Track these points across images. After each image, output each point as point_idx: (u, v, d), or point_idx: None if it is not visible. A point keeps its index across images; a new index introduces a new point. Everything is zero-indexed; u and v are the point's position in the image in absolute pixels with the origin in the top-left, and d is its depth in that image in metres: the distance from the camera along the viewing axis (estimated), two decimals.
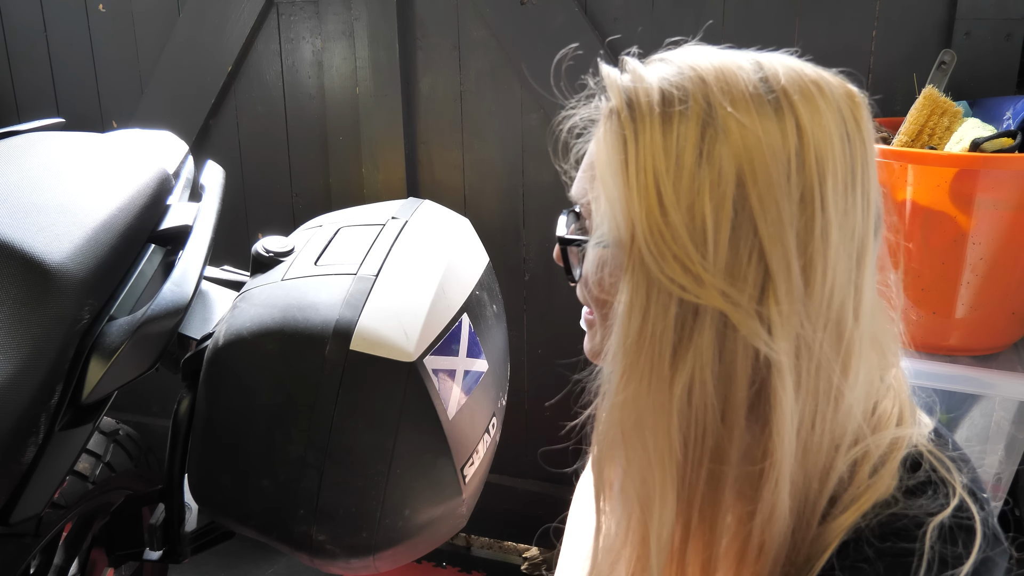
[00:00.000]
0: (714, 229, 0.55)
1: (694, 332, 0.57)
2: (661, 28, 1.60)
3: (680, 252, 0.56)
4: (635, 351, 0.59)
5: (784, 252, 0.56)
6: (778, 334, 0.57)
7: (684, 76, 0.58)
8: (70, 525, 1.15)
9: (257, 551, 2.03)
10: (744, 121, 0.56)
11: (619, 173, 0.58)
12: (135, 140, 1.15)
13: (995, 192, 1.06)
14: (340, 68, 1.83)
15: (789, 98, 0.57)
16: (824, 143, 0.57)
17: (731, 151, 0.55)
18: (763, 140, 0.55)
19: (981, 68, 1.39)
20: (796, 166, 0.56)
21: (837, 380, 0.60)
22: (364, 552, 0.92)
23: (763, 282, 0.56)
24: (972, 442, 1.24)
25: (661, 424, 0.59)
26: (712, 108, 0.56)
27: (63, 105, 2.11)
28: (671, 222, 0.56)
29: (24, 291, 0.79)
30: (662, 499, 0.60)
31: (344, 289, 0.93)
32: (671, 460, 0.60)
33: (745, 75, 0.58)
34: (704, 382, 0.58)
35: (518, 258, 1.84)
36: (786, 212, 0.55)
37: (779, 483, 0.60)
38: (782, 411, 0.58)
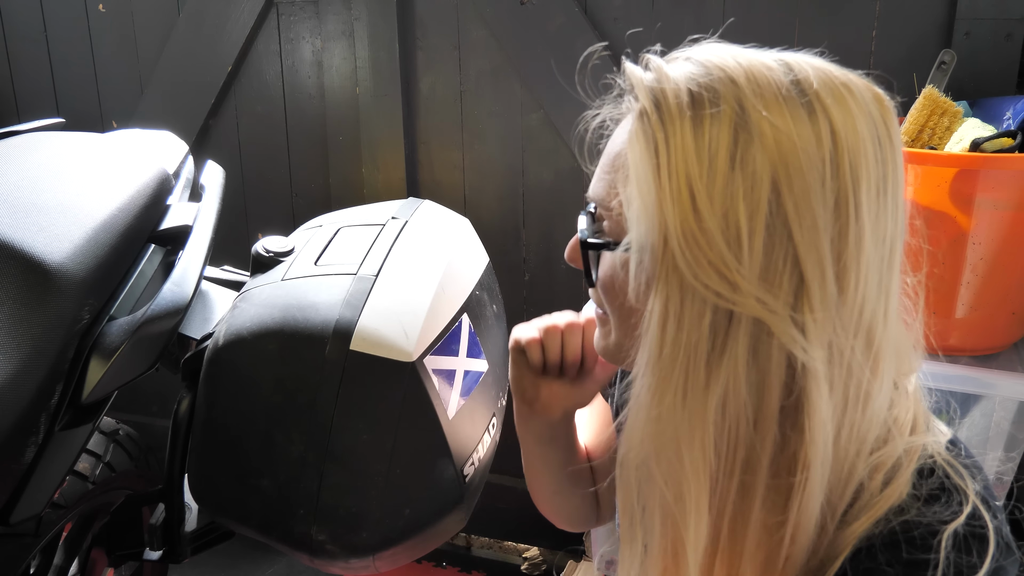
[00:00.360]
0: (749, 235, 0.54)
1: (728, 340, 0.56)
2: (661, 28, 1.60)
3: (715, 258, 0.55)
4: (670, 362, 0.57)
5: (819, 258, 0.55)
6: (813, 340, 0.56)
7: (713, 77, 0.57)
8: (70, 525, 1.15)
9: (257, 551, 2.03)
10: (778, 124, 0.54)
11: (651, 177, 0.56)
12: (135, 140, 1.15)
13: (995, 192, 1.06)
14: (340, 68, 1.83)
15: (822, 101, 0.56)
16: (857, 147, 0.56)
17: (766, 155, 0.54)
18: (798, 144, 0.54)
19: (981, 68, 1.39)
20: (831, 171, 0.55)
21: (866, 385, 0.59)
22: (364, 552, 0.92)
23: (798, 288, 0.55)
24: (972, 442, 1.24)
25: (696, 436, 0.58)
26: (745, 111, 0.55)
27: (63, 105, 2.11)
28: (706, 227, 0.55)
29: (24, 291, 0.79)
30: (697, 513, 0.60)
31: (344, 289, 0.93)
32: (705, 473, 0.59)
33: (776, 77, 0.57)
34: (739, 391, 0.57)
35: (518, 258, 1.84)
36: (821, 218, 0.54)
37: (811, 493, 0.59)
38: (818, 419, 0.57)
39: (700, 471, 0.59)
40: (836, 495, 0.62)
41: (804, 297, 0.55)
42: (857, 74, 0.60)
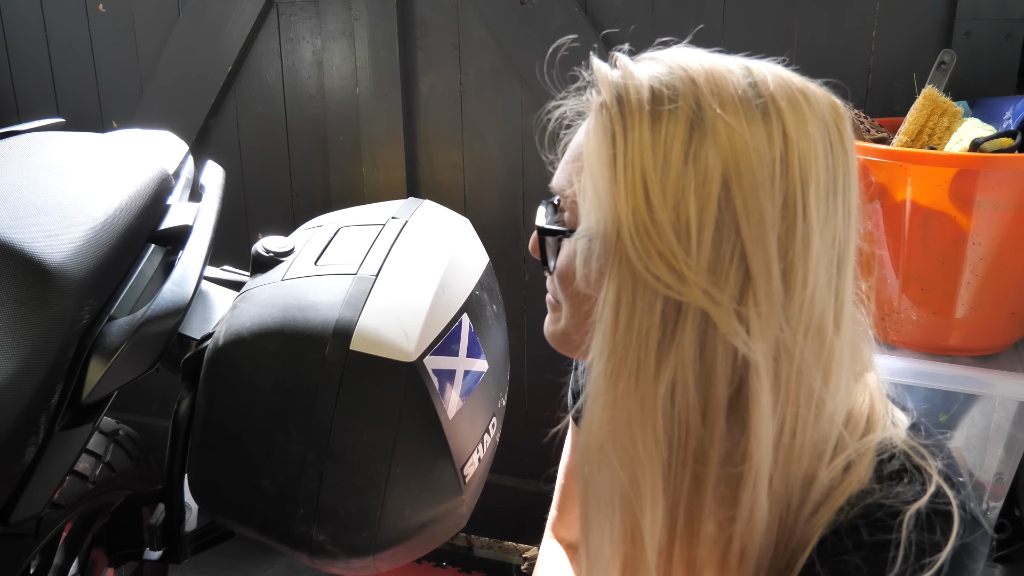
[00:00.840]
0: (698, 228, 0.56)
1: (677, 330, 0.58)
2: (661, 28, 1.60)
3: (665, 249, 0.56)
4: (623, 348, 0.59)
5: (765, 254, 0.57)
6: (756, 334, 0.57)
7: (675, 76, 0.59)
8: (70, 525, 1.15)
9: (257, 551, 2.03)
10: (732, 123, 0.56)
11: (607, 168, 0.58)
12: (135, 140, 1.15)
13: (995, 192, 1.06)
14: (340, 68, 1.83)
15: (776, 104, 0.58)
16: (808, 150, 0.57)
17: (718, 152, 0.56)
18: (749, 143, 0.56)
19: (981, 68, 1.39)
20: (780, 171, 0.57)
21: (819, 388, 0.60)
22: (364, 552, 0.92)
23: (743, 283, 0.57)
24: (972, 442, 1.24)
25: (648, 422, 0.59)
26: (701, 109, 0.57)
27: (63, 105, 2.11)
28: (657, 219, 0.56)
29: (24, 291, 0.79)
30: (653, 499, 0.61)
31: (344, 289, 0.93)
32: (658, 458, 0.60)
33: (735, 79, 0.58)
34: (686, 381, 0.58)
35: (518, 258, 1.84)
36: (768, 215, 0.56)
37: (757, 486, 0.60)
38: (759, 412, 0.59)
39: (653, 456, 0.60)
40: (796, 496, 0.62)
41: (749, 291, 0.57)
42: (817, 83, 0.62)
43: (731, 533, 0.62)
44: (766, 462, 0.60)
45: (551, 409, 1.89)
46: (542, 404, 1.91)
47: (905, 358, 1.18)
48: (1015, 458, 1.21)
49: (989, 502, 1.24)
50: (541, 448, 1.94)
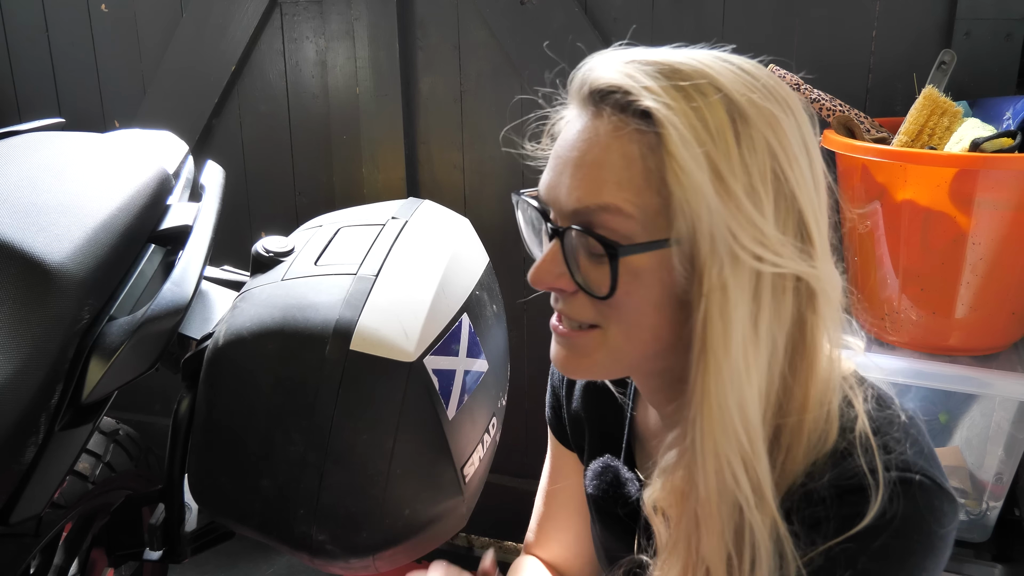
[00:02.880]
0: (765, 197, 0.62)
1: (762, 300, 0.63)
2: (661, 28, 1.60)
3: (747, 223, 0.61)
4: (739, 335, 0.62)
5: (813, 208, 0.64)
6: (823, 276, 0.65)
7: (684, 73, 0.63)
8: (70, 525, 1.15)
9: (257, 551, 2.03)
10: (758, 103, 0.63)
11: (691, 166, 0.60)
12: (135, 140, 1.16)
13: (995, 192, 1.06)
14: (343, 68, 1.83)
15: (766, 83, 0.65)
16: (803, 116, 0.66)
17: (760, 129, 0.62)
18: (779, 116, 0.63)
19: (981, 68, 1.39)
20: (800, 136, 0.64)
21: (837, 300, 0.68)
22: (364, 552, 0.92)
23: (804, 236, 0.64)
24: (972, 442, 1.24)
25: (755, 397, 0.63)
26: (731, 97, 0.62)
27: (65, 105, 2.11)
28: (736, 199, 0.61)
29: (24, 291, 0.79)
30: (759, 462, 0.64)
31: (344, 289, 0.93)
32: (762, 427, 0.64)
33: (724, 66, 0.64)
34: (771, 344, 0.64)
35: (518, 258, 1.84)
36: (807, 175, 0.64)
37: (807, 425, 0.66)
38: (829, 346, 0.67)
39: (759, 428, 0.64)
40: None
41: (810, 242, 0.64)
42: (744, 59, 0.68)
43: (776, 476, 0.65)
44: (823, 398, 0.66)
45: None
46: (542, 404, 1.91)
47: (905, 358, 1.18)
48: (1015, 458, 1.21)
49: (989, 502, 1.24)
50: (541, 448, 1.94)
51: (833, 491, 0.63)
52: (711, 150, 0.60)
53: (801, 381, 0.65)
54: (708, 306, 0.62)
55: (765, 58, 0.68)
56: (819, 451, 0.66)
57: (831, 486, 0.64)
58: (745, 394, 0.63)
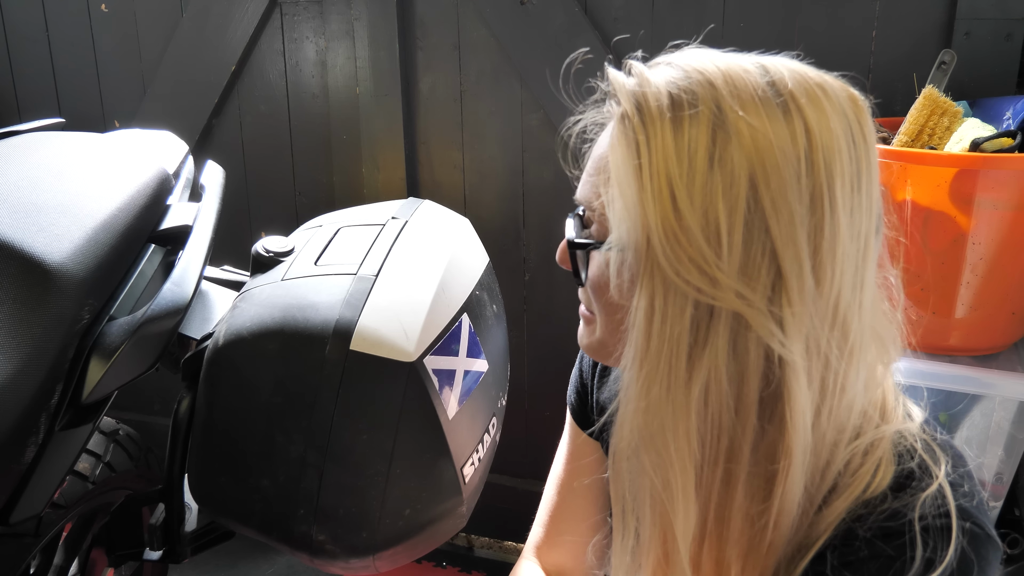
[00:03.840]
0: (728, 231, 0.56)
1: (709, 333, 0.58)
2: (661, 28, 1.60)
3: (695, 254, 0.57)
4: (656, 356, 0.59)
5: (796, 252, 0.57)
6: (791, 334, 0.58)
7: (692, 80, 0.59)
8: (70, 525, 1.15)
9: (257, 551, 2.03)
10: (754, 124, 0.57)
11: (633, 178, 0.58)
12: (135, 140, 1.16)
13: (995, 192, 1.06)
14: (344, 67, 1.83)
15: (796, 101, 0.58)
16: (831, 145, 0.58)
17: (743, 154, 0.56)
18: (774, 142, 0.56)
19: (981, 68, 1.39)
20: (806, 168, 0.57)
21: (842, 376, 0.61)
22: (364, 552, 0.92)
23: (775, 282, 0.57)
24: (972, 442, 1.24)
25: (681, 426, 0.60)
26: (722, 112, 0.57)
27: (65, 105, 2.11)
28: (686, 225, 0.57)
29: (24, 291, 0.79)
30: (685, 500, 0.62)
31: (344, 289, 0.93)
32: (691, 461, 0.61)
33: (752, 79, 0.59)
34: (719, 382, 0.59)
35: (518, 258, 1.85)
36: (797, 213, 0.56)
37: (792, 480, 0.61)
38: (798, 409, 0.59)
39: (686, 459, 0.61)
40: (815, 482, 0.63)
41: (782, 291, 0.57)
42: (833, 75, 0.62)
43: (761, 526, 0.63)
44: (802, 455, 0.61)
45: (551, 409, 1.89)
46: (542, 404, 1.91)
47: (905, 358, 1.18)
48: (1015, 458, 1.21)
49: (989, 502, 1.24)
50: (541, 448, 1.94)
51: (879, 534, 0.61)
52: (671, 165, 0.57)
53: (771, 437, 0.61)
54: (636, 320, 0.60)
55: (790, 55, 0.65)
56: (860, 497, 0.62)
57: (877, 528, 0.61)
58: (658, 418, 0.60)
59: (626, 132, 0.59)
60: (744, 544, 0.64)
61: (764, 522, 0.63)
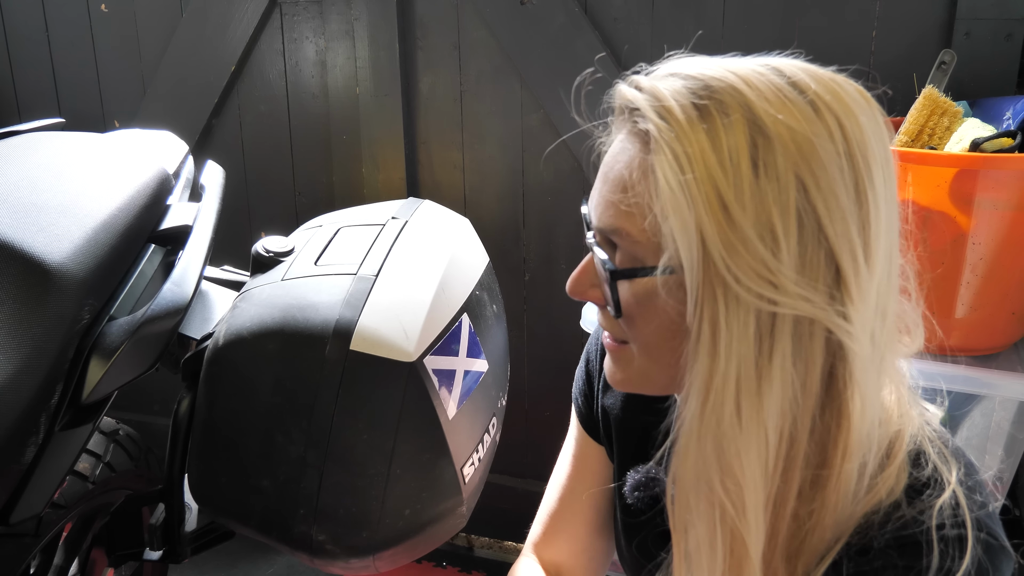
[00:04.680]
0: (784, 234, 0.56)
1: (775, 343, 0.57)
2: (661, 28, 1.60)
3: (755, 262, 0.56)
4: (723, 377, 0.58)
5: (851, 248, 0.57)
6: (857, 328, 0.58)
7: (713, 88, 0.58)
8: (70, 525, 1.15)
9: (257, 551, 2.03)
10: (792, 125, 0.56)
11: (681, 193, 0.57)
12: (135, 140, 1.15)
13: (995, 192, 1.06)
14: (344, 67, 1.83)
15: (822, 98, 0.58)
16: (863, 139, 0.58)
17: (787, 156, 0.56)
18: (814, 142, 0.56)
19: (981, 68, 1.39)
20: (847, 163, 0.57)
21: (880, 358, 0.61)
22: (364, 552, 0.92)
23: (835, 279, 0.57)
24: (972, 442, 1.24)
25: (753, 447, 0.59)
26: (756, 116, 0.56)
27: (65, 105, 2.11)
28: (742, 234, 0.56)
29: (24, 291, 0.79)
30: (757, 517, 0.60)
31: (344, 289, 0.93)
32: (763, 481, 0.60)
33: (772, 80, 0.58)
34: (786, 391, 0.58)
35: (518, 258, 1.85)
36: (848, 209, 0.57)
37: (845, 476, 0.61)
38: (866, 403, 0.60)
39: (757, 477, 0.60)
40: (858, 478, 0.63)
41: (843, 287, 0.57)
42: (832, 70, 0.62)
43: (811, 525, 0.62)
44: (857, 450, 0.61)
45: (551, 409, 1.89)
46: (542, 404, 1.91)
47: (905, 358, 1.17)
48: (1015, 458, 1.21)
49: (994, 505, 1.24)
50: (541, 448, 1.94)
51: (893, 544, 0.60)
52: (717, 176, 0.56)
53: (832, 434, 0.60)
54: (697, 342, 0.58)
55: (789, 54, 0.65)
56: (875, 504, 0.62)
57: (892, 539, 0.61)
58: (731, 443, 0.59)
59: (663, 149, 0.58)
60: (793, 546, 0.64)
61: (814, 522, 0.62)
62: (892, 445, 0.64)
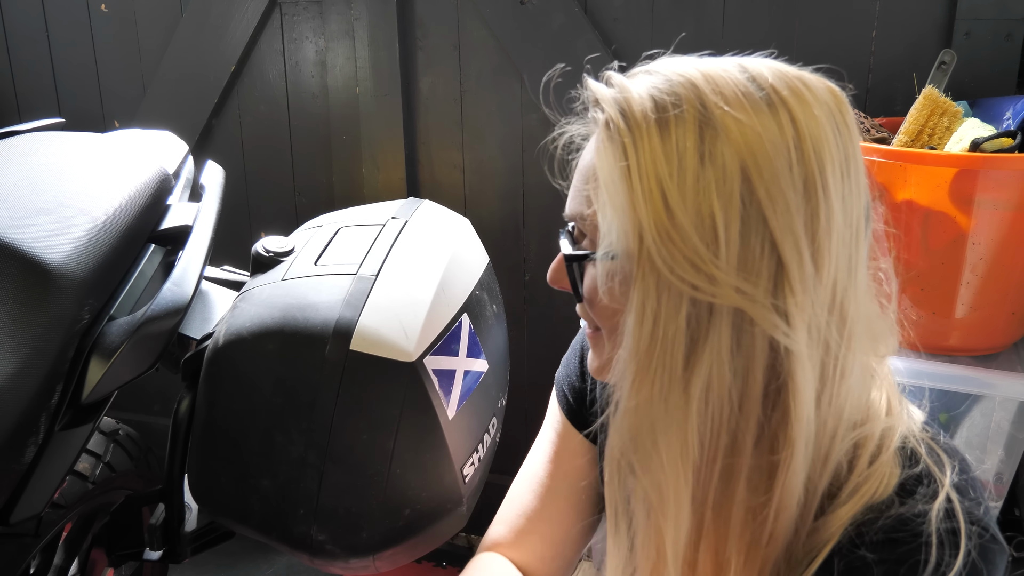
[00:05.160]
0: (724, 226, 0.56)
1: (710, 330, 0.58)
2: (661, 28, 1.60)
3: (690, 252, 0.56)
4: (647, 356, 0.59)
5: (795, 240, 0.57)
6: (795, 323, 0.58)
7: (673, 83, 0.59)
8: (70, 525, 1.15)
9: (257, 551, 2.03)
10: (741, 118, 0.57)
11: (622, 181, 0.58)
12: (135, 140, 1.15)
13: (995, 192, 1.06)
14: (343, 68, 1.83)
15: (779, 94, 0.59)
16: (818, 134, 0.58)
17: (732, 148, 0.56)
18: (762, 134, 0.57)
19: (981, 68, 1.39)
20: (796, 157, 0.57)
21: (842, 360, 0.61)
22: (364, 552, 0.92)
23: (776, 273, 0.57)
24: (972, 442, 1.24)
25: (675, 427, 0.60)
26: (707, 109, 0.57)
27: (65, 105, 2.11)
28: (679, 223, 0.56)
29: (24, 291, 0.79)
30: (677, 503, 0.61)
31: (344, 289, 0.93)
32: (685, 463, 0.60)
33: (732, 76, 0.59)
34: (722, 379, 0.59)
35: (518, 258, 1.85)
36: (793, 201, 0.57)
37: (794, 470, 0.61)
38: (802, 398, 0.59)
39: (678, 461, 0.60)
40: (816, 472, 0.63)
41: (784, 281, 0.57)
42: (809, 70, 0.62)
43: (763, 518, 0.63)
44: (807, 444, 0.61)
45: None
46: (542, 404, 1.91)
47: (905, 358, 1.18)
48: (1015, 458, 1.21)
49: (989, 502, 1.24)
50: None
51: (886, 541, 0.61)
52: (660, 166, 0.57)
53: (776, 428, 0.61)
54: (627, 321, 0.60)
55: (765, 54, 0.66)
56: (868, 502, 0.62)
57: (884, 536, 0.61)
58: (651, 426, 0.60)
59: (612, 137, 0.60)
60: (746, 538, 0.64)
61: (765, 514, 0.62)
62: (880, 443, 0.64)
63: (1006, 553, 0.62)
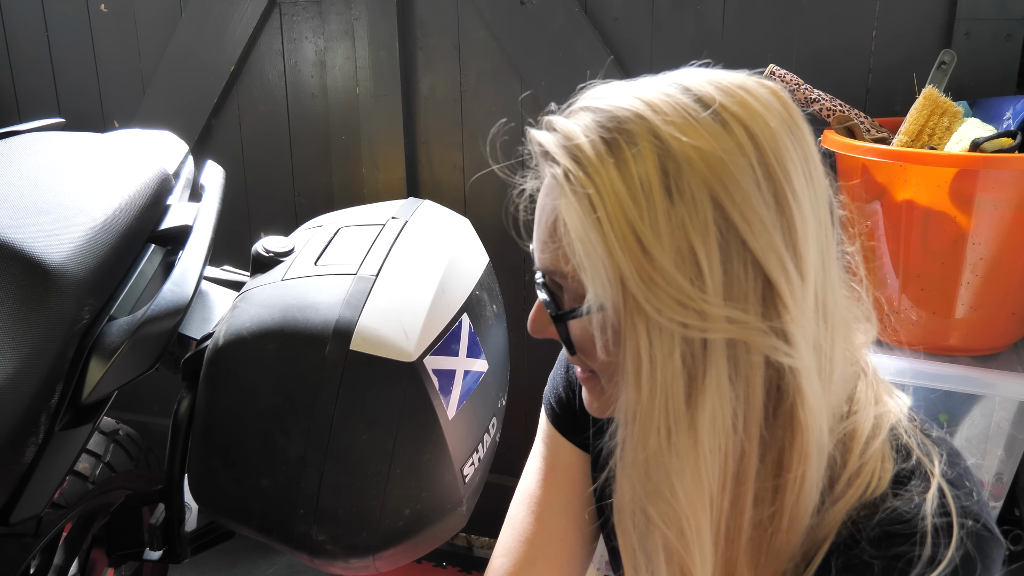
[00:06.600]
0: (706, 257, 0.55)
1: (707, 365, 0.57)
2: (661, 28, 1.60)
3: (676, 291, 0.55)
4: (649, 406, 0.58)
5: (778, 257, 0.56)
6: (796, 340, 0.57)
7: (619, 118, 0.58)
8: (70, 525, 1.15)
9: (257, 551, 2.03)
10: (700, 144, 0.55)
11: (594, 233, 0.56)
12: (135, 140, 1.15)
13: (995, 192, 1.06)
14: (343, 68, 1.83)
15: (728, 110, 0.57)
16: (777, 144, 0.57)
17: (698, 177, 0.55)
18: (724, 158, 0.55)
19: (981, 68, 1.39)
20: (762, 173, 0.56)
21: (830, 359, 0.61)
22: (364, 552, 0.92)
23: (765, 294, 0.57)
24: (972, 442, 1.24)
25: (688, 468, 0.58)
26: (663, 141, 0.56)
27: (64, 105, 2.11)
28: (658, 264, 0.55)
29: (24, 291, 0.79)
30: (700, 543, 0.60)
31: (344, 289, 0.93)
32: (702, 499, 0.59)
33: (677, 100, 0.58)
34: (725, 412, 0.58)
35: (518, 258, 1.85)
36: (768, 219, 0.56)
37: (809, 482, 0.61)
38: (812, 412, 0.59)
39: (696, 502, 0.59)
40: (822, 476, 0.63)
41: (775, 299, 0.56)
42: (746, 73, 0.61)
43: (774, 529, 0.62)
44: (816, 456, 0.60)
45: None
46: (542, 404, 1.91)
47: (905, 358, 1.18)
48: (1015, 458, 1.21)
49: (989, 502, 1.24)
50: None
51: (882, 536, 0.60)
52: (629, 210, 0.55)
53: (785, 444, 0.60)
54: (623, 375, 0.59)
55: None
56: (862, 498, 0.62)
57: (880, 531, 0.61)
58: (662, 470, 0.58)
59: (574, 189, 0.57)
60: (754, 549, 0.63)
61: (776, 525, 0.62)
62: (869, 437, 0.64)
63: (1002, 545, 0.62)
